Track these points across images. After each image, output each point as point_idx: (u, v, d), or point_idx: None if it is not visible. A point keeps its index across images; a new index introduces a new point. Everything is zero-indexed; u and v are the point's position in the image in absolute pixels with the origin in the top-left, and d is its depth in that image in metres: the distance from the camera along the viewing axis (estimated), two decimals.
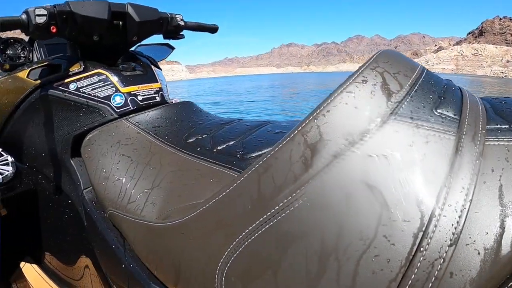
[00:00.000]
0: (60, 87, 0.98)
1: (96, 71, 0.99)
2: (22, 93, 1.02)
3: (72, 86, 0.97)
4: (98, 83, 0.98)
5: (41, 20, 0.85)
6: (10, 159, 1.10)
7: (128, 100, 0.98)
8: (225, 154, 0.71)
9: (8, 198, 1.03)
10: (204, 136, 0.81)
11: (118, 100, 0.97)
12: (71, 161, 0.99)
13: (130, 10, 1.02)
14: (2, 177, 1.03)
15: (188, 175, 0.71)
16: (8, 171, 1.06)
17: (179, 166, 0.74)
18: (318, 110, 0.43)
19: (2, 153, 1.11)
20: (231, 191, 0.49)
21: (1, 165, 1.08)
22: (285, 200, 0.43)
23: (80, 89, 0.97)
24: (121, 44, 1.10)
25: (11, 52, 1.29)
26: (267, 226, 0.44)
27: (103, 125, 0.93)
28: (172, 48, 1.58)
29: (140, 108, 0.99)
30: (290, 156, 0.43)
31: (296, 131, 0.44)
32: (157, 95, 1.05)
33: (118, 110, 0.96)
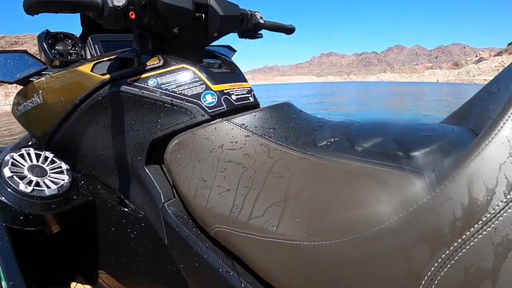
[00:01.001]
0: (136, 83, 0.89)
1: (180, 66, 0.90)
2: (84, 90, 0.95)
3: (151, 82, 0.88)
4: (184, 80, 0.89)
5: (119, 3, 0.75)
6: (64, 166, 1.04)
7: (222, 99, 0.89)
8: (378, 154, 0.57)
9: (62, 212, 0.95)
10: (336, 139, 0.66)
11: (209, 99, 0.87)
12: (146, 169, 0.90)
13: (213, 2, 0.95)
14: (58, 188, 0.96)
15: (333, 182, 0.58)
16: (63, 180, 0.99)
17: (317, 172, 0.60)
18: None
19: (55, 159, 1.05)
20: (433, 198, 0.45)
21: (55, 173, 1.01)
22: (500, 203, 0.40)
23: (162, 86, 0.88)
24: (201, 39, 1.01)
25: (61, 48, 1.25)
26: (484, 232, 0.40)
27: (192, 127, 0.83)
28: (234, 50, 1.51)
29: (235, 109, 0.89)
30: (498, 156, 0.41)
31: (498, 130, 0.42)
32: (250, 95, 0.97)
33: (210, 111, 0.86)
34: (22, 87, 1.19)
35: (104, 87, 0.92)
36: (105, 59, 0.97)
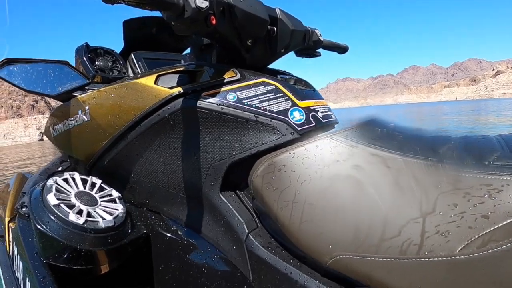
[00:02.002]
0: (214, 98, 0.80)
1: (260, 80, 0.83)
2: (148, 105, 0.84)
3: (230, 97, 0.80)
4: (268, 95, 0.81)
5: (203, 4, 0.66)
6: (115, 194, 0.94)
7: (310, 116, 0.82)
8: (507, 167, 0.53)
9: (117, 247, 0.83)
10: (451, 150, 0.60)
11: (297, 116, 0.80)
12: (221, 196, 0.81)
13: (282, 16, 0.89)
14: (114, 219, 0.84)
15: (472, 194, 0.53)
16: (117, 210, 0.88)
17: (452, 185, 0.55)
18: None
19: (104, 186, 0.96)
20: None
21: (105, 201, 0.91)
22: None
23: (244, 101, 0.80)
24: (268, 55, 0.94)
25: (101, 63, 1.20)
26: None
27: (281, 146, 0.74)
28: None
29: (322, 128, 0.83)
30: None
31: None
32: (331, 113, 0.91)
33: (299, 129, 0.79)
34: (61, 103, 1.10)
35: (173, 102, 0.82)
36: (168, 71, 0.88)
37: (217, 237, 0.82)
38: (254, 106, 0.79)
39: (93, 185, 0.94)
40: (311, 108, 0.84)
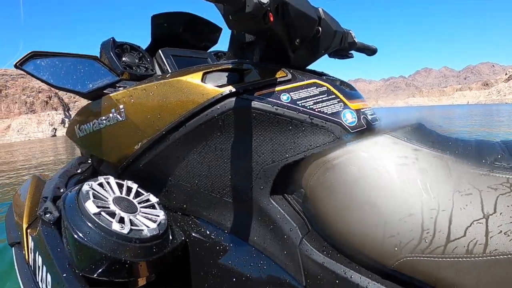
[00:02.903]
0: (267, 98, 0.77)
1: (312, 81, 0.81)
2: (194, 105, 0.80)
3: (284, 98, 0.77)
4: (321, 96, 0.79)
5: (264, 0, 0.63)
6: (153, 199, 0.90)
7: (361, 118, 0.81)
8: None
9: (161, 257, 0.78)
10: (500, 156, 0.62)
11: (350, 118, 0.79)
12: (271, 200, 0.78)
13: (325, 16, 0.86)
14: (158, 227, 0.80)
15: None
16: (158, 216, 0.84)
17: (508, 188, 0.56)
18: None
19: (140, 190, 0.91)
20: None
21: (144, 207, 0.86)
22: None
23: (298, 102, 0.77)
24: (310, 55, 0.92)
25: (128, 60, 1.17)
26: None
27: (335, 149, 0.70)
28: None
29: (373, 130, 0.81)
30: None
31: None
32: (376, 115, 0.88)
33: (352, 131, 0.78)
34: (87, 101, 1.02)
35: (223, 101, 0.78)
36: (215, 68, 0.83)
37: (264, 242, 0.78)
38: (308, 107, 0.77)
39: (129, 189, 0.89)
40: (361, 110, 0.83)
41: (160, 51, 1.23)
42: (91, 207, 0.75)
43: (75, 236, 0.72)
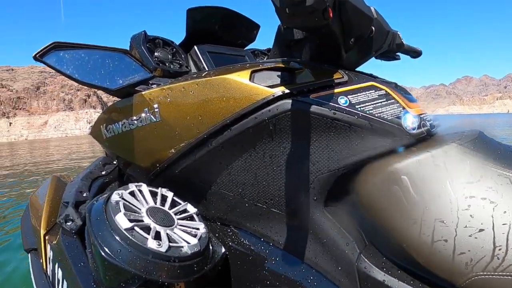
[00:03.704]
0: (324, 101, 0.71)
1: (370, 84, 0.77)
2: (242, 106, 0.73)
3: (342, 101, 0.71)
4: (380, 100, 0.75)
5: None
6: (191, 209, 0.82)
7: (421, 124, 0.76)
8: None
9: (202, 275, 0.70)
10: None
11: (410, 124, 0.74)
12: (325, 212, 0.73)
13: (378, 16, 0.80)
14: (199, 242, 0.72)
15: None
16: (198, 229, 0.76)
17: None
18: None
19: (176, 199, 0.83)
20: None
21: (182, 219, 0.77)
22: None
23: (357, 106, 0.72)
24: (361, 56, 0.86)
25: (161, 55, 1.10)
26: None
27: (397, 156, 0.67)
28: None
29: (432, 136, 0.77)
30: None
31: None
32: (434, 121, 0.83)
33: (414, 137, 0.73)
34: (116, 99, 0.95)
35: (275, 103, 0.71)
36: (263, 67, 0.76)
37: (315, 257, 0.73)
38: (367, 112, 0.72)
39: (163, 198, 0.80)
40: (420, 115, 0.77)
41: (195, 47, 1.16)
42: (122, 221, 0.66)
43: (103, 254, 0.64)
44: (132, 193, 0.77)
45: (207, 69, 1.11)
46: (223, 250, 0.79)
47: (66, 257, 0.76)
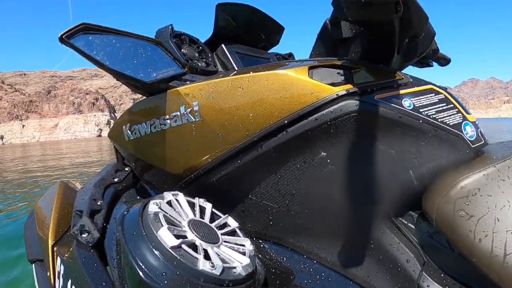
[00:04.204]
0: (389, 103, 0.66)
1: (429, 87, 0.74)
2: (300, 105, 0.66)
3: (406, 104, 0.68)
4: (440, 105, 0.72)
5: None
6: (233, 222, 0.72)
7: (479, 132, 0.73)
8: None
9: None
10: None
11: (469, 132, 0.72)
12: (384, 225, 0.68)
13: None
14: (251, 260, 0.64)
15: None
16: (244, 246, 0.67)
17: None
18: None
19: (215, 211, 0.73)
20: None
21: (225, 234, 0.68)
22: None
23: (420, 110, 0.69)
24: (405, 59, 0.82)
25: (187, 52, 1.05)
26: None
27: (458, 166, 0.64)
28: None
29: (488, 145, 0.74)
30: None
31: None
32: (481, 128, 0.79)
33: (473, 146, 0.70)
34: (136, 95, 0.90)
35: (338, 103, 0.64)
36: (320, 64, 0.70)
37: (368, 275, 0.68)
38: (431, 117, 0.69)
39: (202, 210, 0.72)
40: (477, 123, 0.75)
41: (223, 45, 1.11)
42: (167, 237, 0.57)
43: (143, 276, 0.54)
44: (169, 203, 0.67)
45: (236, 69, 1.05)
46: (264, 268, 0.72)
47: (83, 274, 0.64)
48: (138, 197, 0.92)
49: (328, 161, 0.66)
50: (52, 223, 0.80)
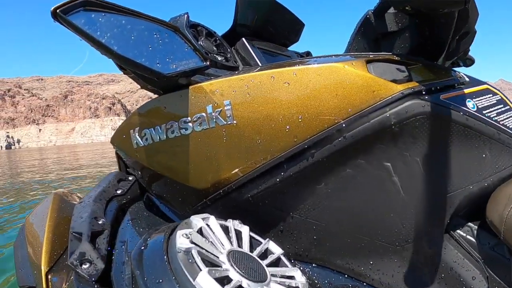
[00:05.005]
0: (456, 104, 0.58)
1: (485, 87, 0.68)
2: (360, 105, 0.55)
3: (470, 105, 0.61)
4: (499, 106, 0.66)
5: None
6: (276, 248, 0.60)
7: None
8: None
9: None
10: None
11: None
12: (446, 240, 0.61)
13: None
14: None
15: None
16: (293, 277, 0.56)
17: None
18: None
19: (255, 236, 0.61)
20: None
21: (270, 265, 0.56)
22: None
23: (484, 112, 0.62)
24: (447, 59, 0.74)
25: (205, 45, 0.93)
26: None
27: None
28: None
29: None
30: None
31: None
32: None
33: None
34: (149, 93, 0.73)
35: (403, 103, 0.54)
36: (372, 57, 0.60)
37: None
38: (493, 119, 0.63)
39: (238, 234, 0.58)
40: None
41: (244, 40, 1.00)
42: (210, 286, 0.43)
43: None
44: (200, 232, 0.54)
45: (260, 65, 0.93)
46: None
47: None
48: (146, 213, 0.76)
49: (390, 169, 0.56)
50: (45, 245, 0.66)
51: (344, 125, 0.54)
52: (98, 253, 0.58)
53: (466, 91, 0.62)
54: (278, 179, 0.59)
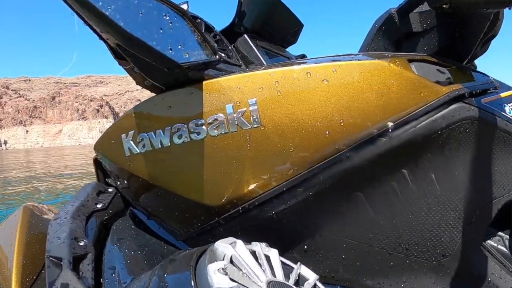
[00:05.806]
0: (496, 109, 0.56)
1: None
2: (406, 107, 0.50)
3: (507, 109, 0.59)
4: None
5: None
6: (309, 274, 0.53)
7: None
8: None
9: None
10: None
11: None
12: (483, 250, 0.58)
13: None
14: None
15: None
16: None
17: None
18: None
19: (284, 260, 0.54)
20: None
21: None
22: None
23: None
24: (470, 62, 0.73)
25: None
26: None
27: None
28: None
29: None
30: None
31: None
32: None
33: None
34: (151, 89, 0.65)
35: (449, 106, 0.51)
36: (411, 57, 0.57)
37: None
38: None
39: (268, 259, 0.50)
40: None
41: (246, 36, 0.93)
42: None
43: None
44: (231, 261, 0.46)
45: (265, 63, 0.88)
46: None
47: None
48: (134, 232, 0.67)
49: (434, 180, 0.52)
50: (15, 270, 0.56)
51: (391, 129, 0.49)
52: (84, 284, 0.49)
53: (503, 95, 0.60)
54: (311, 193, 0.52)
